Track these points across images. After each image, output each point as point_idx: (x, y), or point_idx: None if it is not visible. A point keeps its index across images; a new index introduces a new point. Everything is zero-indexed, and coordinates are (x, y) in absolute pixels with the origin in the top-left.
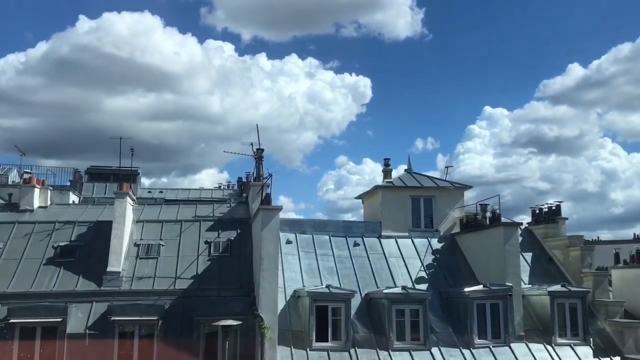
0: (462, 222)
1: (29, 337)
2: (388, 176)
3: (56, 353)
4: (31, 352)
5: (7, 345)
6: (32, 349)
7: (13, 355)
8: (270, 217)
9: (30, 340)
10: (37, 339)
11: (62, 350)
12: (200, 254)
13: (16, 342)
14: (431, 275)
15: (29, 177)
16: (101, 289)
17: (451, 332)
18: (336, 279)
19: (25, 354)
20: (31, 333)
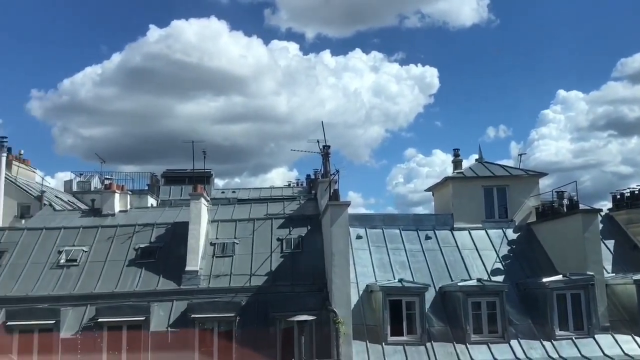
0: (538, 211)
1: (116, 335)
2: (458, 167)
3: (141, 349)
4: (118, 348)
5: (97, 343)
6: (120, 345)
7: (103, 352)
8: (339, 212)
9: (117, 337)
10: (124, 336)
11: (147, 346)
12: (273, 251)
13: (105, 339)
14: (507, 267)
15: (110, 183)
16: (181, 288)
17: (530, 324)
18: (409, 273)
19: (114, 351)
20: (118, 331)
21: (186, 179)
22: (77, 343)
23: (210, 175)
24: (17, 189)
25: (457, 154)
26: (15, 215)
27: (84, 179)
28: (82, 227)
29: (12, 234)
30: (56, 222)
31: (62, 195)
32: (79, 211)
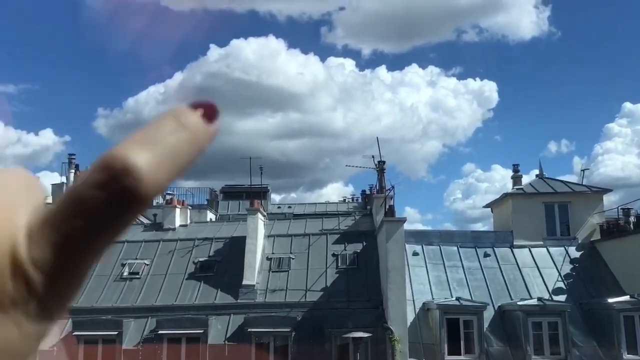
0: (603, 229)
1: (175, 347)
2: (518, 183)
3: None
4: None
5: (158, 355)
6: (179, 357)
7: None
8: (395, 229)
9: (177, 349)
10: (183, 349)
11: (205, 358)
12: (328, 266)
13: (165, 351)
14: (570, 286)
15: (171, 198)
16: (238, 302)
17: (595, 347)
18: (467, 291)
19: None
20: (177, 343)
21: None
22: (139, 354)
23: (267, 190)
24: None
25: (516, 169)
26: None
27: None
28: (144, 241)
29: None
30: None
31: None
32: (142, 225)
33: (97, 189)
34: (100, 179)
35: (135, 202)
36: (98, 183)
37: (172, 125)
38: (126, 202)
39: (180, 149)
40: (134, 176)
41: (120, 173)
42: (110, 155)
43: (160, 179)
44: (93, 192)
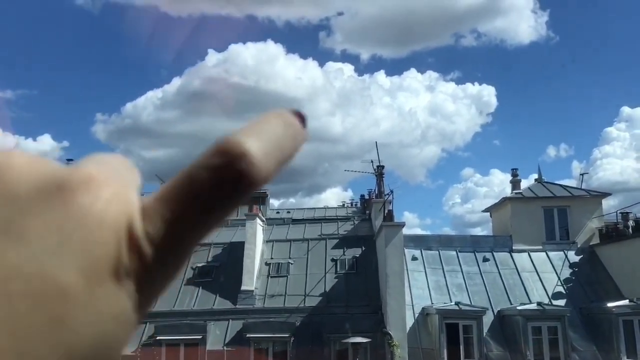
0: (602, 233)
1: (174, 352)
2: (517, 187)
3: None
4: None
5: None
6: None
7: None
8: (394, 233)
9: (175, 355)
10: (181, 354)
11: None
12: (328, 271)
13: (163, 356)
14: (569, 290)
15: None
16: (236, 307)
17: (595, 351)
18: (466, 296)
19: None
20: (175, 349)
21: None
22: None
23: (266, 195)
24: None
25: (515, 173)
26: None
27: None
28: None
29: None
30: None
31: None
32: None
33: (211, 171)
34: (216, 162)
35: (246, 185)
36: (213, 166)
37: (279, 122)
38: (238, 185)
39: (285, 143)
40: (248, 161)
41: (236, 157)
42: (226, 141)
43: (269, 167)
44: (207, 173)
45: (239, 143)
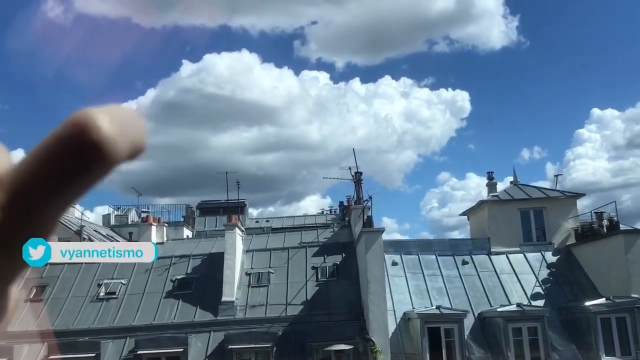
0: (578, 233)
1: None
2: (493, 190)
3: None
4: None
5: None
6: None
7: None
8: (373, 239)
9: None
10: None
11: None
12: (308, 279)
13: None
14: (548, 291)
15: (146, 216)
16: (217, 319)
17: (574, 350)
18: (446, 300)
19: None
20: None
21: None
22: None
23: (244, 205)
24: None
25: (491, 177)
26: None
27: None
28: None
29: (53, 268)
30: None
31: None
32: None
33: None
34: (67, 132)
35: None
36: (65, 136)
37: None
38: (89, 156)
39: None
40: (99, 133)
41: (87, 128)
42: (79, 113)
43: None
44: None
45: (92, 116)
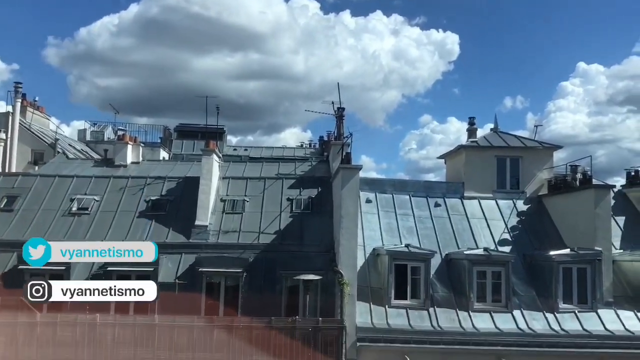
0: (551, 184)
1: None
2: (473, 135)
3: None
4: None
5: None
6: None
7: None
8: (350, 176)
9: None
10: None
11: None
12: (283, 210)
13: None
14: (515, 238)
15: (123, 134)
16: (190, 242)
17: (534, 296)
18: (416, 239)
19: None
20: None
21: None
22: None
23: (223, 131)
24: (31, 136)
25: (472, 122)
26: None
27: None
28: (94, 177)
29: (25, 179)
30: (69, 170)
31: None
32: (92, 161)
33: None
34: None
35: None
36: None
37: None
38: None
39: None
40: None
41: None
42: None
43: None
44: None
45: None
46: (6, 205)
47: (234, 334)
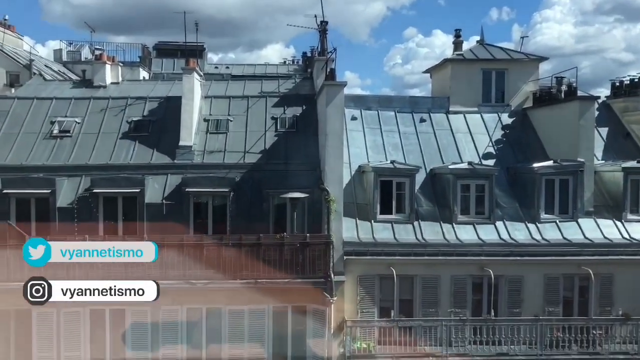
0: (536, 96)
1: (111, 206)
2: (459, 48)
3: (137, 220)
4: (114, 218)
5: (93, 212)
6: (115, 216)
7: (99, 221)
8: (335, 93)
9: (113, 208)
10: (119, 207)
11: (142, 217)
12: (268, 129)
13: (101, 209)
14: (499, 151)
15: (100, 54)
16: (175, 162)
17: (517, 207)
18: (401, 155)
19: (110, 220)
20: (113, 202)
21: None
22: (74, 212)
23: (204, 49)
24: (4, 57)
25: (458, 34)
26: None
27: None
28: (74, 98)
29: (3, 102)
30: (47, 92)
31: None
32: (70, 82)
33: None
34: None
35: None
36: None
37: None
38: None
39: None
40: None
41: None
42: None
43: None
44: None
45: None
46: None
47: (223, 252)
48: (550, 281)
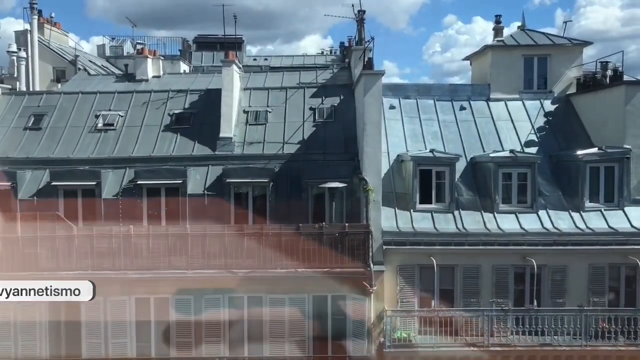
0: (579, 82)
1: (155, 197)
2: (499, 35)
3: (179, 210)
4: (157, 209)
5: (137, 203)
6: (159, 206)
7: (143, 211)
8: (373, 82)
9: (156, 199)
10: (162, 198)
11: (184, 208)
12: (306, 120)
13: (145, 200)
14: (542, 139)
15: (142, 48)
16: (216, 154)
17: (560, 196)
18: (440, 144)
19: (153, 211)
20: (156, 193)
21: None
22: (119, 204)
23: (242, 41)
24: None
25: (498, 20)
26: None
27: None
28: (117, 92)
29: (50, 97)
30: (91, 87)
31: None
32: (113, 76)
33: None
34: None
35: None
36: None
37: None
38: None
39: None
40: None
41: None
42: None
43: None
44: None
45: None
46: (34, 123)
47: (264, 241)
48: (595, 271)
